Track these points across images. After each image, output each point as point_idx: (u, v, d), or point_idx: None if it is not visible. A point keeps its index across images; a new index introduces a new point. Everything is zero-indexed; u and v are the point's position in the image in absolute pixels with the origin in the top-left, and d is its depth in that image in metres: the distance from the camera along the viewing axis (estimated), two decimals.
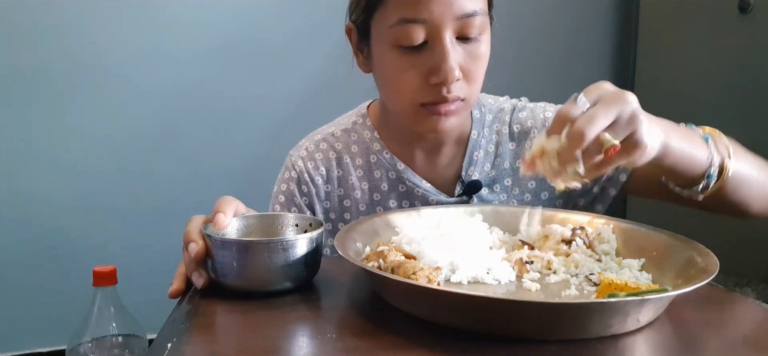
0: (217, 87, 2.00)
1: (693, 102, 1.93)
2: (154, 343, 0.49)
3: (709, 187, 0.67)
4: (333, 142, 0.92)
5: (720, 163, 0.67)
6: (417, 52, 0.74)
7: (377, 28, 0.77)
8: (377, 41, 0.78)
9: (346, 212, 0.91)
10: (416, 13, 0.72)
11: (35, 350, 1.94)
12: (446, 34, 0.72)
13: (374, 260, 0.59)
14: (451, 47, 0.73)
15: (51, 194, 1.90)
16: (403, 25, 0.72)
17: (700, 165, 0.66)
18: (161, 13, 1.92)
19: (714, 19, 1.85)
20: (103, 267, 0.74)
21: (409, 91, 0.76)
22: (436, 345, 0.47)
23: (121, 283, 0.75)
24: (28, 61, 1.83)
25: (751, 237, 1.75)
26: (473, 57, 0.75)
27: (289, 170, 0.92)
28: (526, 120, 0.89)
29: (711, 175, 0.66)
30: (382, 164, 0.89)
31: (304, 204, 0.90)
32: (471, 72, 0.76)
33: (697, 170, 0.66)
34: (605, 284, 0.53)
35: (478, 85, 0.78)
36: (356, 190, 0.90)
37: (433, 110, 0.76)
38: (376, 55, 0.79)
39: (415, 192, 0.88)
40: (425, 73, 0.74)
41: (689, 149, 0.64)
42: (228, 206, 0.64)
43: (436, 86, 0.74)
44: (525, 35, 2.19)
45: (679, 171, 0.65)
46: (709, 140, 0.67)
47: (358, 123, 0.93)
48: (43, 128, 1.88)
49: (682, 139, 0.63)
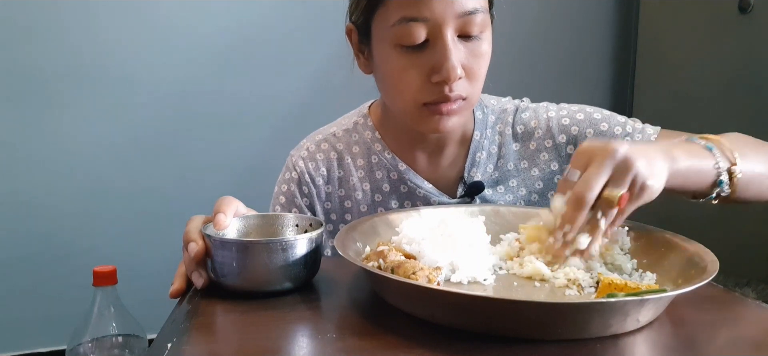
0: (218, 87, 2.00)
1: (693, 102, 1.93)
2: (154, 343, 0.49)
3: (722, 194, 0.68)
4: (334, 142, 0.92)
5: (728, 169, 0.67)
6: (418, 51, 0.74)
7: (378, 28, 0.77)
8: (378, 41, 0.78)
9: (347, 213, 0.91)
10: (417, 12, 0.71)
11: (35, 350, 1.94)
12: (448, 33, 0.72)
13: (374, 260, 0.59)
14: (453, 45, 0.72)
15: (51, 195, 1.90)
16: (405, 24, 0.72)
17: (708, 177, 0.66)
18: (161, 13, 1.92)
19: (714, 19, 1.85)
20: (103, 267, 0.74)
21: (411, 90, 0.76)
22: (436, 345, 0.47)
23: (121, 283, 0.75)
24: (28, 61, 1.83)
25: (751, 237, 1.75)
26: (475, 55, 0.75)
27: (290, 171, 0.91)
28: (530, 120, 0.88)
29: (722, 182, 0.67)
30: (384, 165, 0.89)
31: (304, 205, 0.90)
32: (473, 70, 0.76)
33: (706, 182, 0.66)
34: (605, 284, 0.53)
35: (480, 83, 0.78)
36: (357, 191, 0.90)
37: (435, 110, 0.76)
38: (377, 56, 0.79)
39: (416, 193, 0.88)
40: (427, 72, 0.74)
41: (695, 165, 0.65)
42: (228, 207, 0.64)
43: (438, 85, 0.74)
44: (525, 35, 2.19)
45: (690, 188, 0.66)
46: (713, 150, 0.67)
47: (360, 123, 0.92)
48: (43, 129, 1.88)
49: (686, 157, 0.64)
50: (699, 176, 0.65)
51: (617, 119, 0.84)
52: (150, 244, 1.98)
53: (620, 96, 2.33)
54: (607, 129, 0.84)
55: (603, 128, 0.84)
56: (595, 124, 0.85)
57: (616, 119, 0.84)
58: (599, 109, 0.87)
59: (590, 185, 0.56)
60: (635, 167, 0.56)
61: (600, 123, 0.84)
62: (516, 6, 2.10)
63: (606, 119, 0.85)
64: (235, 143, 2.04)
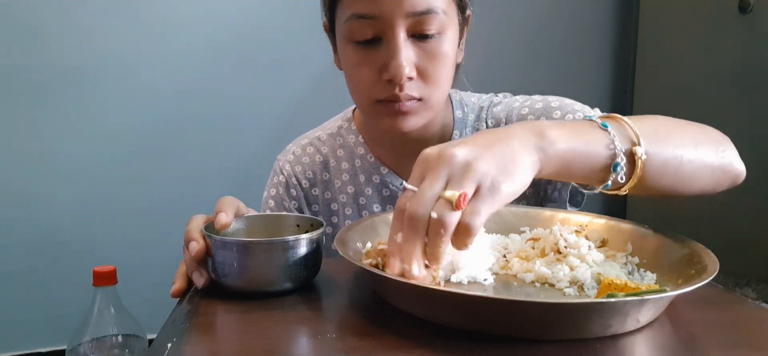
0: (218, 88, 2.00)
1: (693, 102, 1.93)
2: (154, 343, 0.49)
3: (622, 179, 0.57)
4: (319, 146, 0.93)
5: (627, 151, 0.56)
6: (372, 47, 0.74)
7: (338, 24, 0.78)
8: (338, 37, 0.78)
9: (334, 216, 0.92)
10: (366, 9, 0.71)
11: (35, 350, 1.94)
12: (398, 32, 0.71)
13: (374, 257, 0.58)
14: (403, 44, 0.72)
15: (51, 194, 1.90)
16: (354, 20, 0.73)
17: (599, 160, 0.55)
18: (161, 13, 1.92)
19: (714, 19, 1.85)
20: (103, 267, 0.74)
21: (364, 86, 0.76)
22: (436, 345, 0.47)
23: (121, 283, 0.75)
24: (28, 61, 1.83)
25: (751, 237, 1.75)
26: (430, 56, 0.74)
27: (277, 175, 0.93)
28: (500, 113, 0.88)
29: (617, 166, 0.56)
30: (366, 168, 0.90)
31: (293, 208, 0.92)
32: (427, 71, 0.74)
33: (597, 166, 0.56)
34: (605, 284, 0.53)
35: (439, 85, 0.76)
36: (342, 193, 0.91)
37: (389, 108, 0.75)
38: (339, 51, 0.80)
39: (398, 195, 0.88)
40: (379, 69, 0.74)
41: (581, 146, 0.54)
42: (230, 206, 0.64)
43: (389, 83, 0.74)
44: (524, 35, 2.19)
45: (576, 174, 0.56)
46: (608, 128, 0.57)
47: (343, 127, 0.93)
48: (43, 129, 1.88)
49: (568, 137, 0.54)
50: (586, 160, 0.55)
51: (573, 107, 0.82)
52: (150, 244, 1.98)
53: (620, 96, 2.33)
54: (558, 116, 0.81)
55: (555, 116, 0.82)
56: (549, 113, 0.83)
57: (572, 107, 0.82)
58: (564, 99, 0.84)
59: (422, 201, 0.47)
60: (476, 169, 0.48)
61: (553, 111, 0.82)
62: (516, 6, 2.10)
63: (561, 106, 0.82)
64: (235, 143, 2.04)
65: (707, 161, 0.63)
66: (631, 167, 0.57)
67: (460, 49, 0.82)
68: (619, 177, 0.56)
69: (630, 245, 0.65)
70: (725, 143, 0.66)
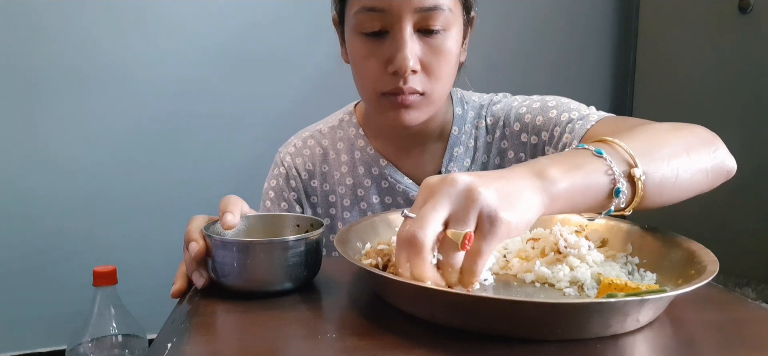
0: (218, 87, 2.00)
1: (693, 102, 1.93)
2: (154, 343, 0.49)
3: (625, 202, 0.57)
4: (320, 138, 0.95)
5: (626, 174, 0.56)
6: (379, 39, 0.76)
7: (347, 16, 0.80)
8: (347, 29, 0.81)
9: (332, 208, 0.94)
10: (375, 2, 0.74)
11: (35, 350, 1.94)
12: (405, 25, 0.74)
13: (374, 257, 0.58)
14: (409, 38, 0.74)
15: (51, 194, 1.90)
16: (363, 13, 0.75)
17: (602, 189, 0.55)
18: (162, 13, 1.92)
19: (714, 19, 1.85)
20: (103, 267, 0.74)
21: (370, 78, 0.78)
22: (436, 345, 0.47)
23: (121, 283, 0.75)
24: (27, 61, 1.83)
25: (751, 237, 1.75)
26: (434, 51, 0.76)
27: (278, 167, 0.95)
28: (499, 112, 0.90)
29: (619, 192, 0.55)
30: (366, 161, 0.91)
31: (293, 199, 0.93)
32: (431, 67, 0.77)
33: (601, 196, 0.55)
34: (605, 284, 0.53)
35: (442, 81, 0.79)
36: (341, 185, 0.92)
37: (393, 101, 0.78)
38: (347, 44, 0.82)
39: (396, 188, 0.90)
40: (385, 62, 0.76)
41: (581, 180, 0.54)
42: (235, 206, 0.64)
43: (394, 76, 0.76)
44: (524, 35, 2.19)
45: (581, 205, 0.55)
46: (603, 154, 0.56)
47: (345, 120, 0.95)
48: (43, 128, 1.88)
49: (567, 173, 0.53)
50: (589, 192, 0.54)
51: (569, 106, 0.83)
52: (150, 244, 1.98)
53: (620, 96, 2.33)
54: (554, 116, 0.83)
55: (551, 115, 0.84)
56: (546, 111, 0.84)
57: (567, 106, 0.83)
58: (561, 98, 0.86)
59: (422, 224, 0.47)
60: (480, 200, 0.47)
61: (550, 110, 0.84)
62: (516, 5, 2.10)
63: (558, 106, 0.84)
64: (235, 142, 2.04)
65: (701, 166, 0.63)
66: (631, 188, 0.57)
67: (463, 48, 0.84)
68: (622, 202, 0.56)
69: (630, 246, 0.65)
70: (715, 141, 0.66)
